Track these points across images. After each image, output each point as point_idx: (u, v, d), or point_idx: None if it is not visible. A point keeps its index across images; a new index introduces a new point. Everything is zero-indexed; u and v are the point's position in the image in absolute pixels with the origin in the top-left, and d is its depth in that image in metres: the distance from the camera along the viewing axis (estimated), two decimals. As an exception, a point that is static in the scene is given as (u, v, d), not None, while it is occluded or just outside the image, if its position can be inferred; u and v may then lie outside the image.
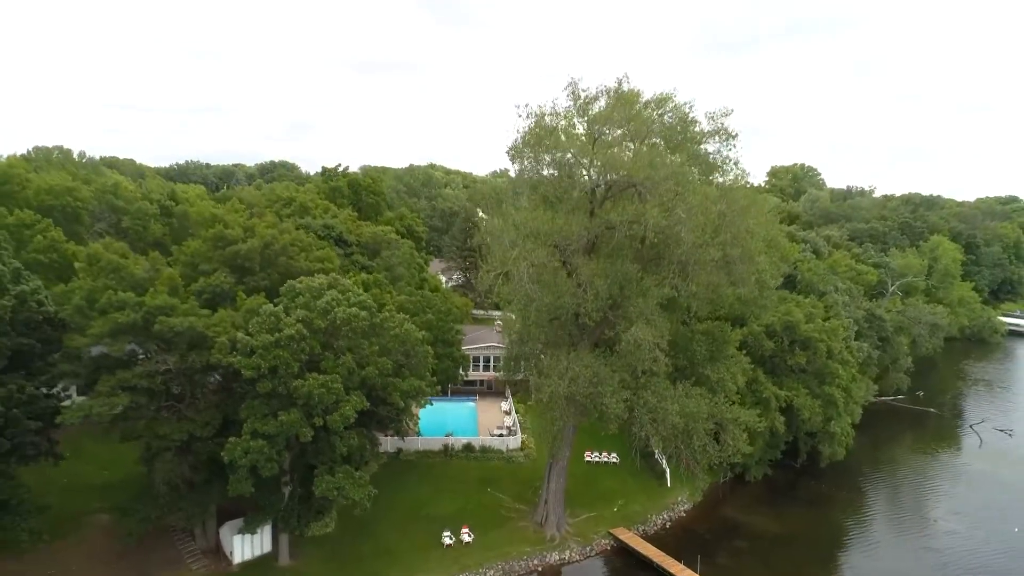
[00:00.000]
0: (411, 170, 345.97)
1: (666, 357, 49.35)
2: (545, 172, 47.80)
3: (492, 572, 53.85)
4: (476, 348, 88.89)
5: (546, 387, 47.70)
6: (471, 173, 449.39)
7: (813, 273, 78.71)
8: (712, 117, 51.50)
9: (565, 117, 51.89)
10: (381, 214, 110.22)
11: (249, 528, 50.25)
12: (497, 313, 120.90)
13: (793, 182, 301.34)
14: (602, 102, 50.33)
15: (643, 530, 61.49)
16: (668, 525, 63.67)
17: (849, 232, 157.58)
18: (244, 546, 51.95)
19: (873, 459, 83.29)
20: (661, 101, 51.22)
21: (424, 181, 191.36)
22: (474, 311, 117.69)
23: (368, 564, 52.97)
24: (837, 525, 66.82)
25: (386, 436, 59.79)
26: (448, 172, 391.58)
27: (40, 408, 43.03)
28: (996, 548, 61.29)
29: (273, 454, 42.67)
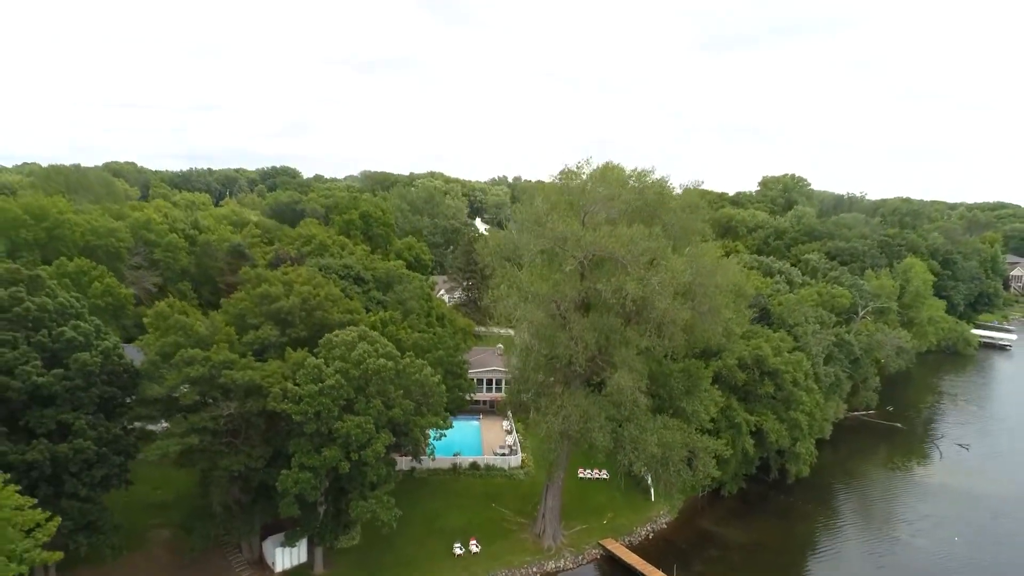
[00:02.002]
0: (412, 181, 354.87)
1: (645, 396, 58.08)
2: (544, 240, 56.17)
3: (497, 578, 62.52)
4: (480, 372, 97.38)
5: (543, 424, 56.43)
6: (469, 181, 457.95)
7: (784, 308, 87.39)
8: (687, 189, 60.27)
9: (561, 193, 60.94)
10: (391, 243, 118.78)
11: (289, 542, 58.88)
12: (498, 330, 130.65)
13: (783, 192, 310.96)
14: (588, 176, 59.00)
15: (628, 541, 70.11)
16: (651, 536, 72.30)
17: (830, 250, 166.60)
18: (285, 557, 60.52)
19: (839, 472, 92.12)
20: (641, 175, 59.94)
21: (426, 199, 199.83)
22: (476, 328, 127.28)
23: (390, 572, 61.48)
24: (800, 535, 75.59)
25: (402, 456, 68.39)
26: (448, 181, 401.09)
27: (122, 445, 51.63)
28: (935, 554, 70.18)
29: (317, 483, 51.31)
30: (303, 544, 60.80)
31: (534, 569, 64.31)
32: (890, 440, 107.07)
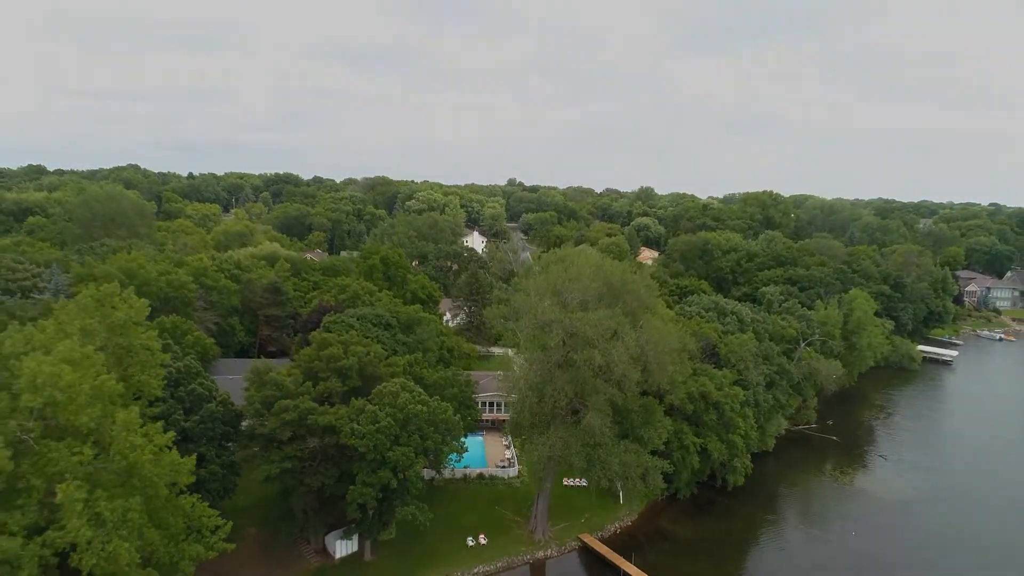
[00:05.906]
0: (413, 193, 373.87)
1: (611, 427, 79.02)
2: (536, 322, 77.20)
3: (501, 564, 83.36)
4: (483, 396, 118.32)
5: (534, 452, 77.44)
6: (465, 189, 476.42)
7: (729, 349, 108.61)
8: (643, 273, 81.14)
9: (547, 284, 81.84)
10: (407, 283, 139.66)
11: (347, 536, 79.76)
12: (497, 350, 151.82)
13: (761, 209, 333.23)
14: (566, 273, 79.91)
15: (600, 535, 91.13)
16: (618, 531, 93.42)
17: (791, 276, 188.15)
18: (342, 547, 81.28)
19: (777, 480, 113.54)
20: (607, 266, 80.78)
21: (430, 225, 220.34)
22: (480, 350, 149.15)
23: (421, 558, 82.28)
24: (736, 531, 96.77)
25: (424, 468, 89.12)
26: (447, 192, 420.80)
27: (234, 468, 72.35)
28: (833, 544, 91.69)
29: (373, 495, 72.01)
30: (356, 537, 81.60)
31: (527, 557, 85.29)
32: (825, 451, 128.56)
